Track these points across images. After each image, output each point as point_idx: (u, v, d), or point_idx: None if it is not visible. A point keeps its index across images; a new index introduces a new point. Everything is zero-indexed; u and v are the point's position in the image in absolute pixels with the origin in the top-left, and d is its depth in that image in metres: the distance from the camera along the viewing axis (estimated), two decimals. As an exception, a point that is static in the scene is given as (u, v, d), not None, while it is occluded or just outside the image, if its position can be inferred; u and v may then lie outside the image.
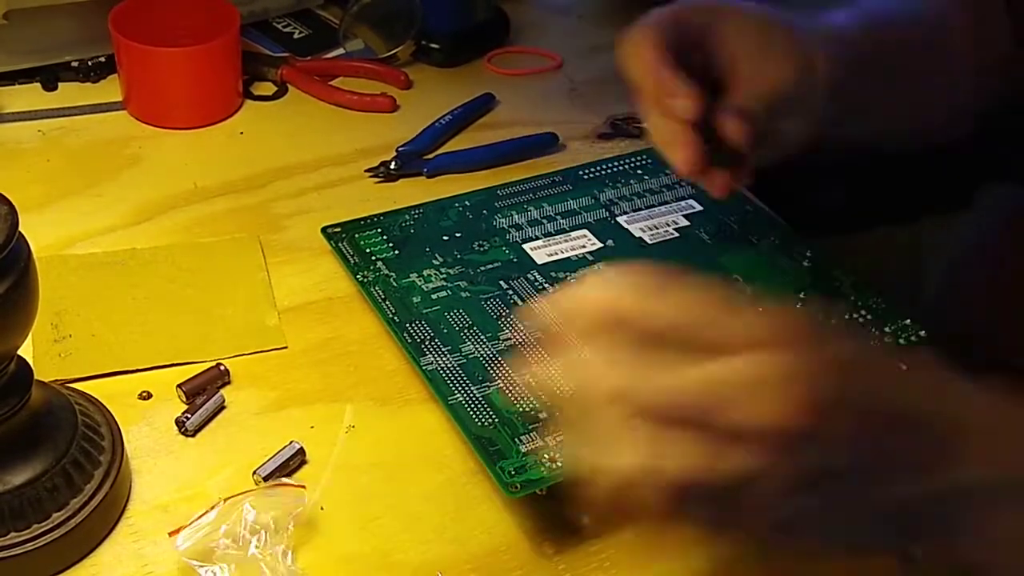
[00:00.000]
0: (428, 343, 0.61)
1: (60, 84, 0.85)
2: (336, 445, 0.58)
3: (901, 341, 0.63)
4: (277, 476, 0.56)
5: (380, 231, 0.70)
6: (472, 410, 0.57)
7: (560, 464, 0.53)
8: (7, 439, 0.50)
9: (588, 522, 0.55)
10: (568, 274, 0.66)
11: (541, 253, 0.68)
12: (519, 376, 0.58)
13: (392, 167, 0.78)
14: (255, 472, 0.56)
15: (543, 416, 0.56)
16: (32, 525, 0.50)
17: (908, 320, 0.64)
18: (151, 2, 0.84)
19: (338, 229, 0.70)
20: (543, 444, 0.54)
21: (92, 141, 0.80)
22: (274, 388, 0.62)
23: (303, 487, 0.53)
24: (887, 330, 0.64)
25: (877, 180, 0.87)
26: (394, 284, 0.65)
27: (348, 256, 0.68)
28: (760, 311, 0.40)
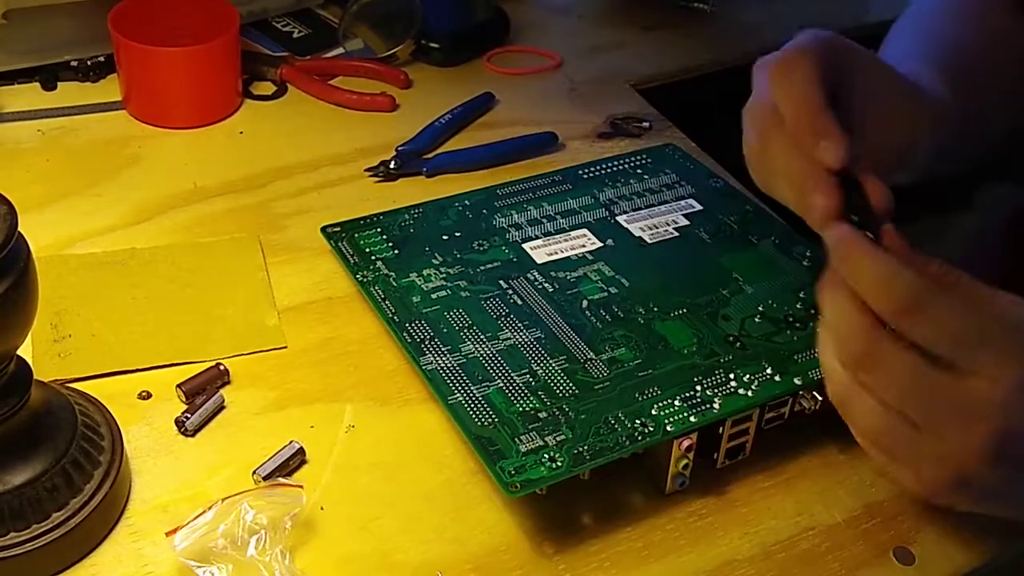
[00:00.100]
0: (428, 343, 0.61)
1: (60, 84, 0.85)
2: (336, 445, 0.58)
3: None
4: (277, 476, 0.56)
5: (380, 231, 0.70)
6: (472, 410, 0.57)
7: (560, 464, 0.53)
8: (7, 439, 0.50)
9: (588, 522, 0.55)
10: (568, 273, 0.66)
11: (541, 252, 0.68)
12: None
13: (392, 167, 0.78)
14: (255, 472, 0.56)
15: (543, 416, 0.56)
16: (32, 525, 0.50)
17: (908, 320, 0.64)
18: (151, 2, 0.84)
19: (338, 229, 0.70)
20: (543, 444, 0.54)
21: (92, 141, 0.80)
22: (274, 388, 0.62)
23: (301, 487, 0.53)
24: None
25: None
26: (394, 284, 0.65)
27: (348, 256, 0.68)
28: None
